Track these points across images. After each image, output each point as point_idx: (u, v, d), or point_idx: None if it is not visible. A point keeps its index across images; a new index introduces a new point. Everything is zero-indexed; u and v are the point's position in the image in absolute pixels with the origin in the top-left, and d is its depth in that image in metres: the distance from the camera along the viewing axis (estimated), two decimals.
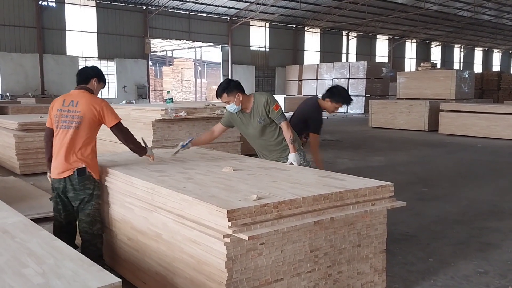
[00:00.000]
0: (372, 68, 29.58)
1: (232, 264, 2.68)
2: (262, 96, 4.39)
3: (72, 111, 3.72)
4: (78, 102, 3.74)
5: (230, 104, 4.34)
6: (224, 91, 4.30)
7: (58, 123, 3.76)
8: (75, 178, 3.69)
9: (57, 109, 3.78)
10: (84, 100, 3.75)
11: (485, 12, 38.06)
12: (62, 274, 2.09)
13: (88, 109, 3.72)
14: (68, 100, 3.78)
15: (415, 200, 6.65)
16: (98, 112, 3.74)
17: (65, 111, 3.74)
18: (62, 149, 3.70)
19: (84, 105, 3.72)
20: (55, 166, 3.76)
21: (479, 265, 4.26)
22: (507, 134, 14.67)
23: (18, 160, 8.16)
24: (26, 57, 24.69)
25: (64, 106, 3.76)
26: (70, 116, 3.72)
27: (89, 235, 3.79)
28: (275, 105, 4.33)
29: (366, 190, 3.25)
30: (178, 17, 30.59)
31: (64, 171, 3.70)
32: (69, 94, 3.84)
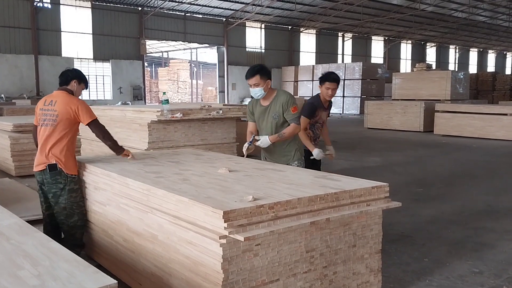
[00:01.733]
0: (367, 69, 29.63)
1: (228, 265, 2.68)
2: (284, 95, 4.42)
3: (50, 110, 4.06)
4: (56, 102, 4.07)
5: (258, 88, 4.34)
6: (258, 73, 4.31)
7: (39, 121, 4.15)
8: (47, 172, 4.02)
9: (40, 108, 4.15)
10: (61, 100, 4.08)
11: (479, 13, 38.21)
12: (58, 275, 2.09)
13: (64, 108, 4.02)
14: (48, 100, 4.14)
15: (411, 200, 6.67)
16: (73, 111, 4.03)
17: (45, 110, 4.09)
18: (40, 145, 4.09)
19: (60, 104, 4.04)
20: (36, 160, 4.14)
21: (474, 265, 4.28)
22: (501, 134, 14.74)
23: (13, 161, 8.14)
24: (21, 58, 24.60)
25: (45, 106, 4.11)
26: (49, 115, 4.05)
27: (66, 226, 4.11)
28: (293, 107, 4.36)
29: (362, 190, 3.26)
30: (173, 18, 30.55)
31: (40, 164, 4.07)
32: (51, 95, 4.20)
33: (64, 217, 4.09)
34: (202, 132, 7.81)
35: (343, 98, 30.01)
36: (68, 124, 4.05)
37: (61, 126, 4.02)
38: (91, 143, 8.07)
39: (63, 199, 4.06)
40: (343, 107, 29.99)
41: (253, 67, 4.40)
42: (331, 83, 5.10)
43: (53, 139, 4.01)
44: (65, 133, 4.04)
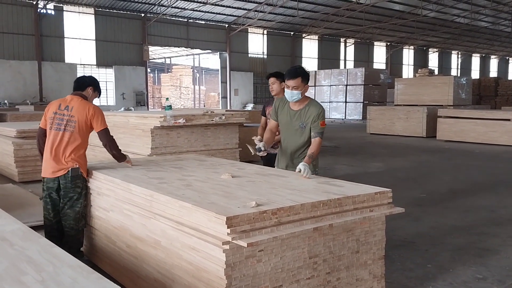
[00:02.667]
0: (370, 75, 29.64)
1: (231, 271, 2.67)
2: (318, 107, 4.26)
3: (66, 115, 4.03)
4: (73, 107, 4.06)
5: (296, 91, 4.14)
6: (300, 75, 4.12)
7: (52, 125, 4.06)
8: (68, 177, 3.98)
9: (53, 112, 4.08)
10: (78, 105, 4.07)
11: (482, 18, 38.27)
12: (62, 281, 2.09)
13: (82, 114, 4.04)
14: (63, 105, 4.09)
15: (414, 206, 6.65)
16: (90, 117, 4.07)
17: (60, 115, 4.05)
18: (56, 150, 4.01)
19: (78, 110, 4.05)
20: (48, 165, 4.03)
21: (477, 271, 4.26)
22: (504, 140, 14.71)
23: (17, 167, 8.15)
24: (24, 65, 24.72)
25: (60, 110, 4.07)
26: (65, 120, 4.02)
27: (74, 230, 4.09)
28: (323, 121, 4.25)
29: (365, 196, 3.26)
30: (176, 24, 30.68)
31: (59, 170, 3.99)
32: (65, 99, 4.15)
33: (74, 221, 4.08)
34: (204, 138, 7.82)
35: (346, 103, 30.03)
36: (86, 130, 4.11)
37: (79, 131, 4.05)
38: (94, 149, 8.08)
39: (79, 203, 4.08)
40: (346, 113, 30.00)
41: (295, 68, 4.21)
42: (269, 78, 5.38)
43: (74, 144, 4.02)
44: (84, 137, 4.10)
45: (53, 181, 4.02)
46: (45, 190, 4.09)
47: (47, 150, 4.07)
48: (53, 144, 4.03)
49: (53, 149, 4.02)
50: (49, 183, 4.05)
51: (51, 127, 4.07)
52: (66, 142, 4.00)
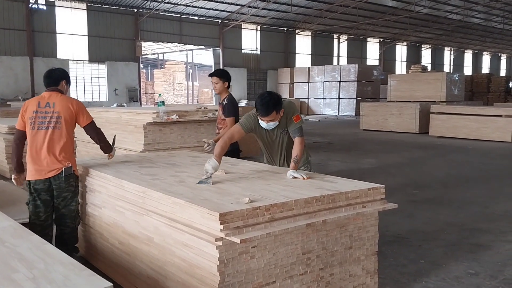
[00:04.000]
0: (363, 71, 29.70)
1: (225, 267, 2.67)
2: (288, 106, 3.99)
3: (49, 112, 3.85)
4: (54, 103, 3.88)
5: (272, 123, 3.89)
6: (274, 109, 3.79)
7: (34, 124, 3.86)
8: (61, 177, 3.84)
9: (33, 111, 3.86)
10: (59, 101, 3.91)
11: (474, 15, 38.39)
12: (53, 278, 2.07)
13: (66, 109, 3.89)
14: (43, 102, 3.89)
15: (407, 202, 6.68)
16: (74, 111, 3.93)
17: (41, 113, 3.85)
18: (44, 150, 3.82)
19: (61, 106, 3.88)
20: (36, 167, 3.83)
21: (470, 266, 4.28)
22: (497, 136, 14.80)
23: (8, 163, 8.09)
24: (16, 60, 24.51)
25: (41, 108, 3.86)
26: (48, 117, 3.84)
27: (70, 228, 4.03)
28: (296, 115, 3.95)
29: (358, 192, 3.26)
30: (169, 20, 30.52)
31: (49, 171, 3.82)
32: (42, 97, 3.95)
33: (70, 220, 4.00)
34: (198, 134, 7.80)
35: (339, 99, 30.09)
36: (72, 126, 3.97)
37: (67, 127, 3.90)
38: (87, 145, 8.05)
39: (74, 201, 4.00)
40: (339, 109, 30.06)
41: (267, 103, 3.77)
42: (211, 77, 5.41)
43: (62, 142, 3.85)
44: (70, 133, 3.95)
45: (43, 183, 3.86)
46: (33, 193, 3.89)
47: (31, 152, 3.86)
48: (39, 144, 3.84)
49: (41, 149, 3.83)
50: (38, 185, 3.86)
51: (33, 127, 3.86)
52: (54, 141, 3.84)
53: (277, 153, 4.33)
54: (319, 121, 25.34)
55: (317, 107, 31.47)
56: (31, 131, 3.87)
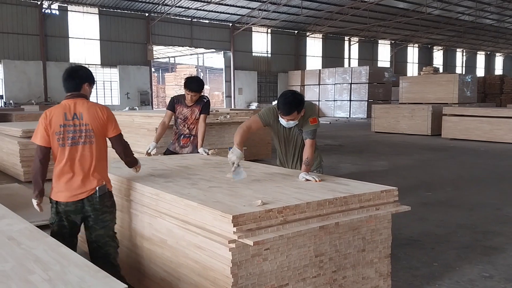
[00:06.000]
0: (374, 73, 29.61)
1: (237, 270, 2.68)
2: (310, 107, 4.02)
3: (78, 125, 3.29)
4: (82, 114, 3.31)
5: (292, 122, 3.92)
6: (296, 109, 3.83)
7: (64, 140, 3.28)
8: (95, 197, 3.32)
9: (59, 125, 3.29)
10: (87, 110, 3.33)
11: (486, 16, 38.08)
12: (69, 280, 2.09)
13: (95, 119, 3.32)
14: (69, 113, 3.31)
15: (419, 204, 6.64)
16: (104, 120, 3.36)
17: (70, 126, 3.29)
18: (75, 168, 3.30)
19: (89, 116, 3.32)
20: (66, 188, 3.31)
21: (484, 269, 4.25)
22: (510, 137, 14.66)
23: (22, 167, 8.17)
24: (29, 65, 24.80)
25: (68, 121, 3.29)
26: (78, 132, 3.29)
27: (113, 248, 3.49)
28: (313, 118, 3.96)
29: (371, 194, 3.25)
30: (180, 23, 30.69)
31: (81, 192, 3.30)
32: (66, 106, 3.35)
33: (110, 238, 3.47)
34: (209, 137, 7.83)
35: (350, 102, 30.01)
36: (103, 137, 3.41)
37: (99, 140, 3.36)
38: None
39: (112, 220, 3.47)
40: (350, 111, 29.98)
41: (289, 103, 3.82)
42: (188, 90, 5.45)
43: (94, 158, 3.32)
44: (104, 147, 3.42)
45: (74, 205, 3.32)
46: (60, 213, 3.36)
47: (60, 170, 3.31)
48: (69, 162, 3.29)
49: (71, 168, 3.29)
50: (68, 207, 3.33)
51: (63, 144, 3.29)
52: (86, 157, 3.31)
53: (291, 153, 4.33)
54: (330, 123, 25.28)
55: (328, 110, 31.41)
56: (59, 148, 3.31)
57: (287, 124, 3.98)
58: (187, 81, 5.49)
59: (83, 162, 3.31)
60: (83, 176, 3.30)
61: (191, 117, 5.61)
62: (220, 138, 7.93)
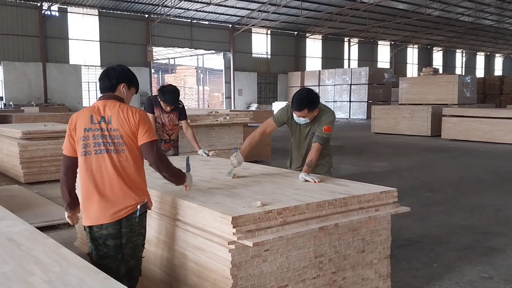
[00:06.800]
0: (374, 74, 29.61)
1: (237, 271, 2.68)
2: (328, 114, 4.07)
3: (105, 130, 2.83)
4: (111, 117, 2.84)
5: (303, 119, 4.01)
6: (307, 106, 3.91)
7: (86, 148, 2.82)
8: (135, 217, 2.84)
9: (84, 129, 2.82)
10: (116, 113, 2.85)
11: (486, 17, 38.11)
12: (69, 281, 2.10)
13: (124, 124, 2.85)
14: (96, 116, 2.84)
15: (419, 205, 6.64)
16: (134, 124, 2.86)
17: (96, 130, 2.82)
18: (107, 182, 2.81)
19: (118, 119, 2.84)
20: (100, 208, 2.80)
21: (484, 270, 4.25)
22: (510, 138, 14.66)
23: (22, 168, 8.18)
24: (29, 66, 24.81)
25: (94, 124, 2.83)
26: (106, 137, 2.82)
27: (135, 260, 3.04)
28: (328, 127, 4.01)
29: (370, 196, 3.25)
30: (180, 25, 30.72)
31: (118, 211, 2.81)
32: (95, 108, 2.89)
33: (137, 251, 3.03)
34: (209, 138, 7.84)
35: (350, 103, 30.01)
36: (136, 144, 2.90)
37: (133, 147, 2.88)
38: None
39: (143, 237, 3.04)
40: (350, 112, 29.98)
41: (301, 99, 3.90)
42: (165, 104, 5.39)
43: (130, 169, 2.85)
44: (139, 156, 2.93)
45: (111, 227, 2.82)
46: (97, 239, 2.86)
47: (88, 186, 2.83)
48: (98, 175, 2.81)
49: (103, 182, 2.81)
50: (106, 229, 2.82)
51: (86, 152, 2.81)
52: (120, 169, 2.82)
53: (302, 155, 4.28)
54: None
55: None
56: (83, 157, 2.83)
57: (297, 119, 4.07)
58: (163, 92, 5.33)
59: (116, 174, 2.81)
60: (119, 191, 2.81)
61: (169, 124, 5.62)
62: (220, 139, 7.94)
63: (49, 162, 8.40)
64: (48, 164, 8.40)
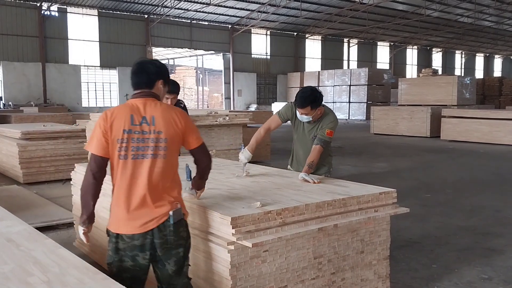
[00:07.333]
0: (373, 75, 29.64)
1: (236, 272, 2.68)
2: (331, 117, 4.10)
3: (148, 132, 2.55)
4: (154, 118, 2.57)
5: (307, 116, 4.01)
6: (310, 104, 3.92)
7: (127, 151, 2.53)
8: (168, 225, 2.55)
9: (123, 130, 2.52)
10: (161, 114, 2.59)
11: (485, 18, 38.15)
12: (68, 282, 2.09)
13: (170, 127, 2.58)
14: (138, 116, 2.56)
15: (418, 206, 6.64)
16: (181, 129, 2.62)
17: (136, 133, 2.53)
18: (142, 189, 2.53)
19: (163, 121, 2.57)
20: (131, 216, 2.53)
21: (483, 271, 4.25)
22: (509, 139, 14.67)
23: (21, 169, 8.18)
24: (28, 66, 24.80)
25: (134, 126, 2.54)
26: (148, 141, 2.54)
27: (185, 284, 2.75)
28: (330, 131, 4.03)
29: (369, 196, 3.25)
30: (180, 25, 30.73)
31: (151, 220, 2.52)
32: (134, 106, 2.59)
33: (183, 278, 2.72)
34: (208, 139, 7.84)
35: (349, 104, 30.03)
36: (177, 149, 2.68)
37: (174, 155, 2.64)
38: None
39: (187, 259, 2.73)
40: (349, 113, 29.99)
41: (304, 97, 3.94)
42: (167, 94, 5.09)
43: (168, 175, 2.60)
44: (177, 163, 2.71)
45: (143, 238, 2.53)
46: (121, 251, 2.57)
47: (121, 191, 2.56)
48: (133, 181, 2.54)
49: (137, 188, 2.54)
50: (135, 241, 2.53)
51: (125, 155, 2.53)
52: (157, 175, 2.56)
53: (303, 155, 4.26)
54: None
55: None
56: (119, 161, 2.54)
57: (300, 117, 4.08)
58: None
59: (153, 181, 2.55)
60: (152, 199, 2.54)
61: None
62: (219, 140, 7.93)
63: (48, 162, 8.40)
64: (47, 164, 8.39)
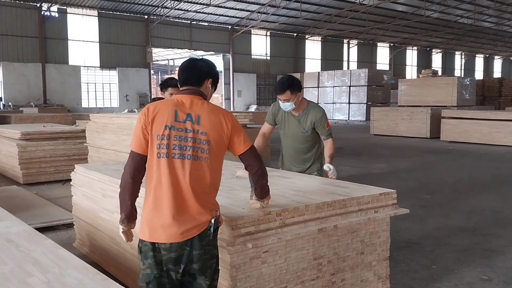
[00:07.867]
0: (373, 76, 29.65)
1: (236, 272, 2.67)
2: (317, 111, 4.24)
3: (191, 131, 2.33)
4: (199, 117, 2.37)
5: (289, 103, 4.11)
6: (289, 88, 4.05)
7: (165, 148, 2.31)
8: (208, 234, 2.34)
9: (166, 125, 2.32)
10: (207, 114, 2.39)
11: (485, 19, 38.20)
12: (67, 282, 2.10)
13: (216, 129, 2.38)
14: (182, 112, 2.35)
15: (418, 207, 6.64)
16: (227, 132, 2.41)
17: (180, 130, 2.32)
18: (181, 193, 2.30)
19: (209, 122, 2.37)
20: (166, 223, 2.29)
21: (482, 272, 4.25)
22: (508, 140, 14.67)
23: (21, 169, 8.18)
24: (28, 67, 24.81)
25: (178, 123, 2.33)
26: (190, 140, 2.32)
27: None
28: (327, 123, 4.27)
29: (369, 197, 3.25)
30: (179, 26, 30.75)
31: (192, 228, 2.30)
32: (179, 102, 2.40)
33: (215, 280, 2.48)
34: None
35: (349, 104, 30.03)
36: (222, 154, 2.46)
37: (219, 158, 2.44)
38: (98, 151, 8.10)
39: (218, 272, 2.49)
40: (349, 114, 30.01)
41: (282, 82, 4.11)
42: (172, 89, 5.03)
43: (208, 180, 2.36)
44: (221, 168, 2.49)
45: (179, 248, 2.30)
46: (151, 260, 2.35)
47: (158, 196, 2.33)
48: (171, 184, 2.30)
49: (176, 192, 2.30)
50: (172, 252, 2.30)
51: (163, 154, 2.31)
52: (199, 179, 2.33)
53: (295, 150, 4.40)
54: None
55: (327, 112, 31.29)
56: (158, 160, 2.32)
57: (283, 106, 4.17)
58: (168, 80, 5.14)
59: (192, 185, 2.31)
60: (193, 205, 2.31)
61: None
62: None
63: (48, 163, 8.40)
64: (47, 165, 8.39)
